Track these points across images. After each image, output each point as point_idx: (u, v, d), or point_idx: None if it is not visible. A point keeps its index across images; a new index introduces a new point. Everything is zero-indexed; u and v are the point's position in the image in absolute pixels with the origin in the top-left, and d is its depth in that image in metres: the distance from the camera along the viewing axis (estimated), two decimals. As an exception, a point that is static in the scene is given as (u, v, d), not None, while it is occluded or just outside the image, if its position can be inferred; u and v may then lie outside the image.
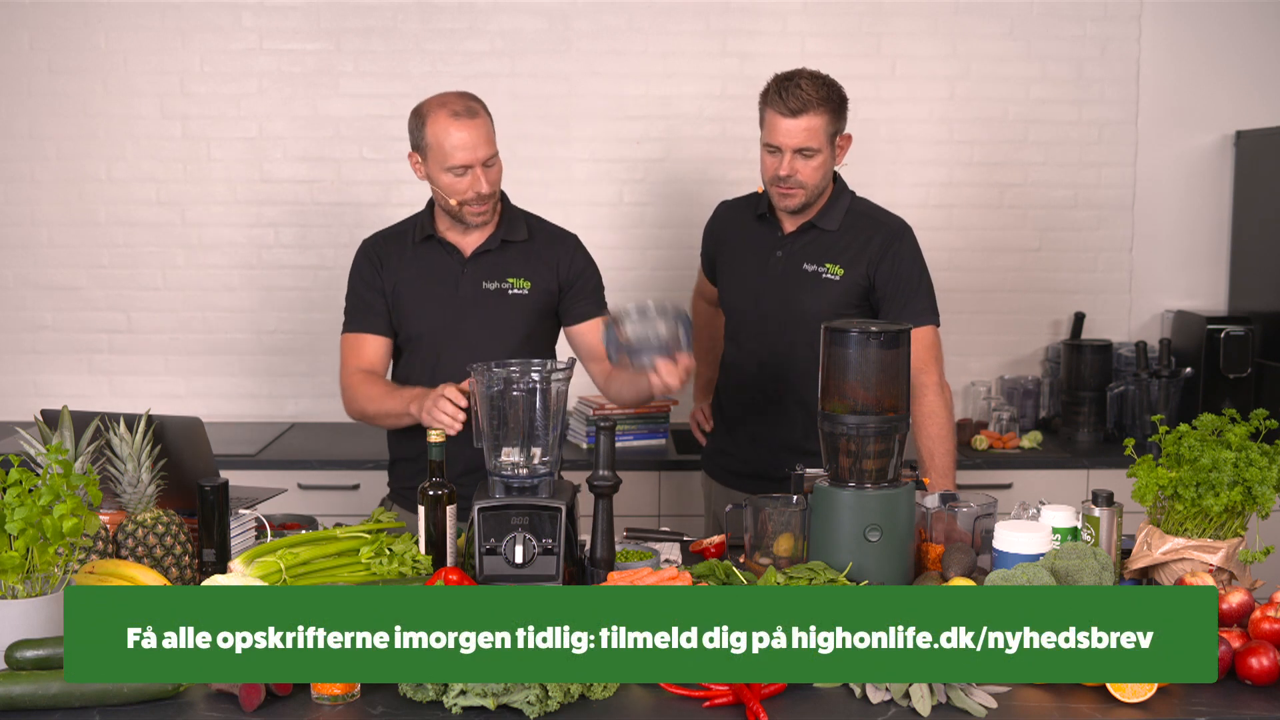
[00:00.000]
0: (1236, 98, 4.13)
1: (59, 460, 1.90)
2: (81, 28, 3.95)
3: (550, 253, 2.75)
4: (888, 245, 2.76)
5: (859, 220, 2.80)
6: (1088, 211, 4.17)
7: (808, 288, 2.77)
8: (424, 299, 2.71)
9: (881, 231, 2.78)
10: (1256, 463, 2.04)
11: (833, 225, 2.78)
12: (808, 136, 2.65)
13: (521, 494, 2.17)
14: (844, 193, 2.82)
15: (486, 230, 2.72)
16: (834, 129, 2.69)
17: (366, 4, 3.99)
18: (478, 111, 2.61)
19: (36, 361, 4.07)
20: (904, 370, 2.19)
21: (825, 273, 2.76)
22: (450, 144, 2.56)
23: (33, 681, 1.73)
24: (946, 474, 2.68)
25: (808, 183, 2.69)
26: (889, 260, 2.75)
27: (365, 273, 2.75)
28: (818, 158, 2.68)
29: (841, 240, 2.78)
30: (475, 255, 2.71)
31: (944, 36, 4.07)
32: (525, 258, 2.73)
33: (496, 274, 2.71)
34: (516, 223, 2.75)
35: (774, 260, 2.82)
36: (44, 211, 4.02)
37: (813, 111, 2.64)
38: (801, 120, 2.64)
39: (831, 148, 2.70)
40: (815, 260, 2.78)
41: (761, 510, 2.27)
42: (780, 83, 2.68)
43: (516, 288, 2.72)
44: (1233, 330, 3.88)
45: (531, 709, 1.71)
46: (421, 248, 2.72)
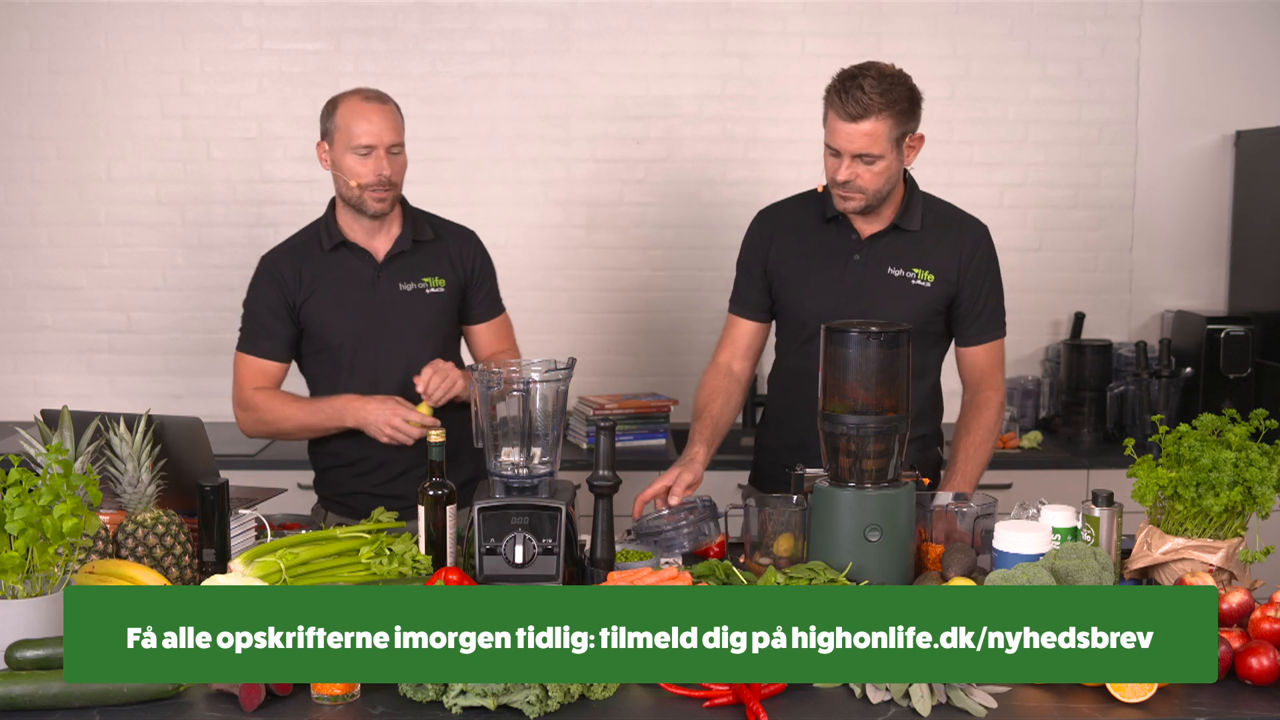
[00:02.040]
0: (1236, 98, 4.13)
1: (59, 460, 1.90)
2: (81, 28, 3.95)
3: (457, 250, 2.79)
4: (976, 248, 2.66)
5: (941, 221, 2.68)
6: (1088, 211, 4.17)
7: (896, 293, 2.62)
8: (340, 307, 2.70)
9: (969, 234, 2.67)
10: (1256, 463, 2.04)
11: (914, 225, 2.64)
12: (868, 143, 2.46)
13: (521, 494, 2.17)
14: (916, 189, 2.67)
15: (394, 230, 2.73)
16: (900, 132, 2.50)
17: (366, 4, 3.99)
18: (388, 100, 2.68)
19: (36, 361, 4.07)
20: (904, 370, 2.18)
21: (914, 278, 2.63)
22: (358, 126, 2.60)
23: (33, 681, 1.73)
24: (972, 482, 2.60)
25: (868, 188, 2.53)
26: (978, 265, 2.66)
27: (266, 294, 2.72)
28: (880, 163, 2.50)
29: (925, 242, 2.64)
30: (389, 258, 2.72)
31: (944, 36, 4.07)
32: (436, 257, 2.76)
33: (412, 275, 2.73)
34: (420, 223, 2.78)
35: (852, 264, 2.65)
36: (44, 211, 4.02)
37: (875, 117, 2.44)
38: (862, 125, 2.45)
39: (898, 150, 2.52)
40: (900, 264, 2.63)
41: (761, 510, 2.27)
42: (842, 82, 2.48)
43: (433, 287, 2.73)
44: (1233, 330, 3.88)
45: (531, 709, 1.71)
46: (331, 256, 2.71)
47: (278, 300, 2.70)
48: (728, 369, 2.76)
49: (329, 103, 2.69)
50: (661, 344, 4.13)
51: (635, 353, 4.15)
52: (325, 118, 2.68)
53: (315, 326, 2.71)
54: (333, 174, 2.68)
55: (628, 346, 4.15)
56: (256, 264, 2.79)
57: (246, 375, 2.74)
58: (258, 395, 2.71)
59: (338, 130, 2.63)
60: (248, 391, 2.73)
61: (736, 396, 2.74)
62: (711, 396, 2.70)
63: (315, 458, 2.84)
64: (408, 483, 2.63)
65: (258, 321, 2.72)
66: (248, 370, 2.73)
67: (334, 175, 2.68)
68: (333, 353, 2.72)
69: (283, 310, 2.71)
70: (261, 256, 2.78)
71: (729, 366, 2.76)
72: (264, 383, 2.73)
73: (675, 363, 4.09)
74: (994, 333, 2.74)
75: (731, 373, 2.75)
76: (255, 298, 2.73)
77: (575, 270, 4.10)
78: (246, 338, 2.74)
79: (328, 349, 2.72)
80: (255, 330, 2.73)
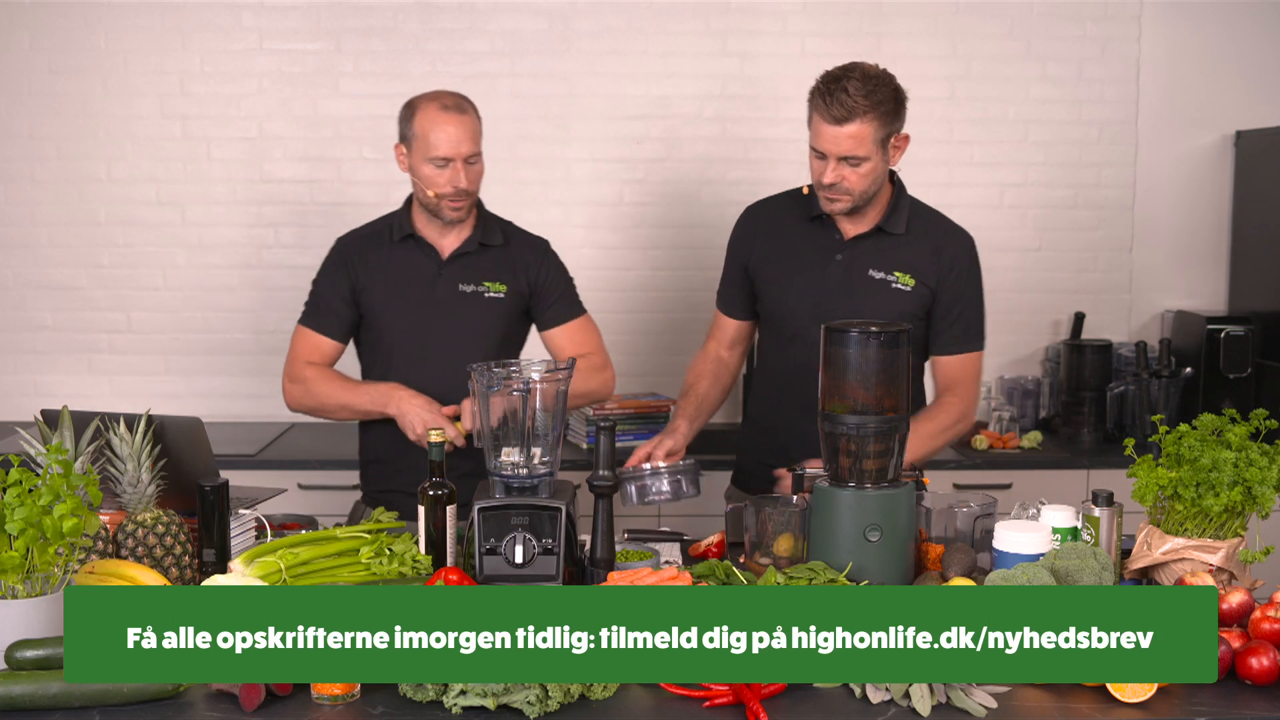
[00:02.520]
0: (1236, 98, 4.13)
1: (59, 460, 1.90)
2: (81, 28, 3.95)
3: (523, 257, 2.80)
4: (959, 257, 2.65)
5: (926, 226, 2.67)
6: (1088, 211, 4.17)
7: (877, 296, 2.62)
8: (399, 299, 2.74)
9: (953, 242, 2.67)
10: (1256, 463, 2.04)
11: (899, 229, 2.64)
12: (854, 145, 2.47)
13: (521, 494, 2.17)
14: (903, 192, 2.68)
15: (464, 232, 2.74)
16: (885, 133, 2.50)
17: (366, 4, 3.99)
18: (467, 109, 2.67)
19: (36, 361, 4.07)
20: (904, 370, 2.18)
21: (895, 282, 2.63)
22: (435, 136, 2.61)
23: (33, 681, 1.73)
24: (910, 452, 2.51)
25: (855, 189, 2.53)
26: (958, 274, 2.64)
27: (333, 272, 2.78)
28: (865, 165, 2.50)
29: (909, 247, 2.64)
30: (453, 257, 2.73)
31: (944, 36, 4.07)
32: (501, 262, 2.77)
33: (473, 277, 2.74)
34: (492, 227, 2.79)
35: (834, 264, 2.66)
36: (44, 211, 4.02)
37: (860, 119, 2.45)
38: (847, 128, 2.45)
39: (883, 151, 2.52)
40: (882, 267, 2.64)
41: (761, 510, 2.27)
42: (827, 84, 2.48)
43: (493, 291, 2.74)
44: (1233, 330, 3.88)
45: (531, 709, 1.71)
46: (399, 247, 2.75)
47: (343, 282, 2.76)
48: (716, 355, 2.83)
49: (407, 105, 2.69)
50: (661, 344, 4.13)
51: (635, 353, 4.15)
52: (403, 121, 2.68)
53: (373, 315, 2.75)
54: (411, 177, 2.70)
55: (628, 346, 4.15)
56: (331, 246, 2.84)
57: (302, 349, 2.77)
58: (308, 369, 2.75)
59: (415, 138, 2.64)
60: (299, 365, 2.76)
61: (724, 379, 2.81)
62: (699, 377, 2.78)
63: (362, 450, 2.88)
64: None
65: (322, 299, 2.78)
66: (304, 344, 2.77)
67: (412, 179, 2.70)
68: (386, 343, 2.76)
69: (346, 293, 2.76)
70: (338, 238, 2.83)
71: (717, 355, 2.83)
72: (317, 359, 2.76)
73: (675, 363, 4.09)
74: (969, 344, 2.68)
75: (720, 359, 2.82)
76: (323, 277, 2.79)
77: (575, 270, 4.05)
78: (309, 312, 2.80)
79: (381, 338, 2.76)
80: (318, 307, 2.78)
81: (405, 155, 2.69)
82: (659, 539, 2.61)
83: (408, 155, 2.68)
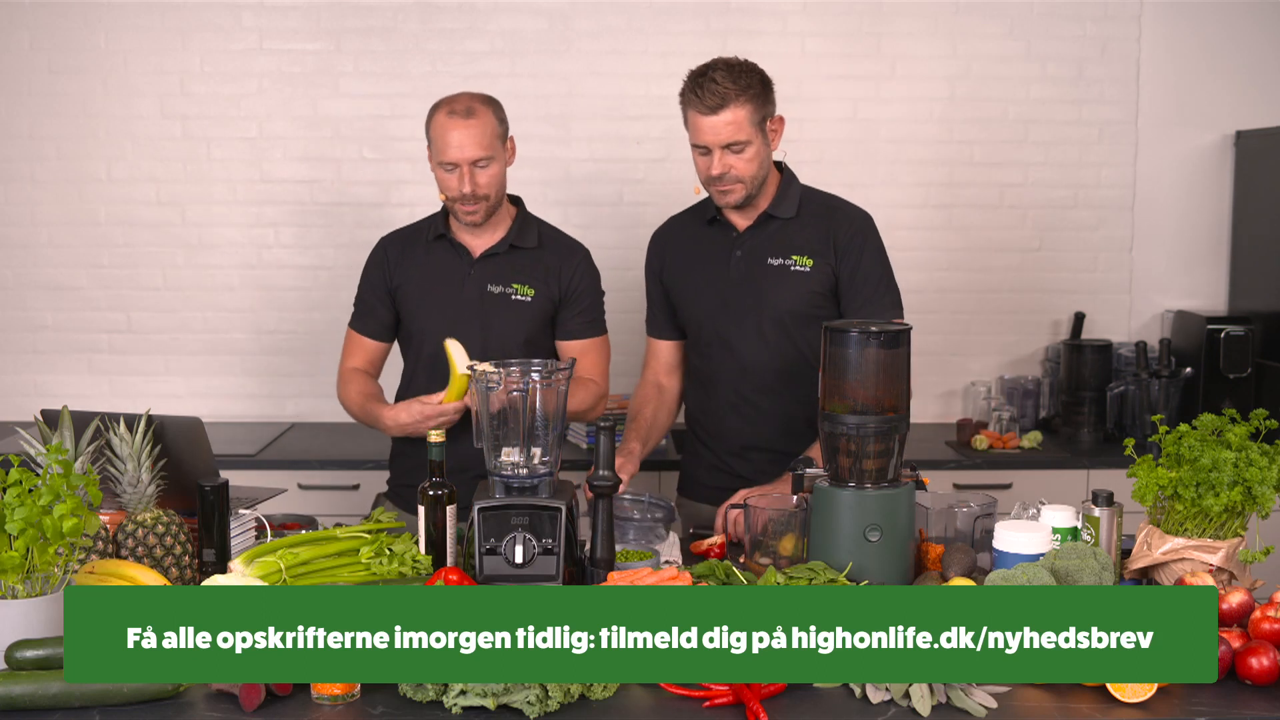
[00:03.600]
0: (1236, 98, 4.13)
1: (59, 460, 1.90)
2: (81, 28, 3.95)
3: (557, 262, 2.79)
4: (853, 235, 2.67)
5: (817, 207, 2.71)
6: (1088, 211, 4.17)
7: (776, 282, 2.68)
8: (428, 297, 2.76)
9: (846, 222, 2.69)
10: (1256, 463, 2.04)
11: (789, 213, 2.68)
12: (733, 130, 2.53)
13: (521, 494, 2.17)
14: (793, 180, 2.72)
15: (498, 233, 2.76)
16: (761, 115, 2.57)
17: (366, 4, 3.99)
18: (475, 113, 2.67)
19: (36, 361, 4.07)
20: (904, 370, 2.18)
21: (793, 265, 2.67)
22: (443, 141, 2.64)
23: (33, 681, 1.73)
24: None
25: (744, 175, 2.59)
26: (854, 251, 2.66)
27: (372, 273, 2.83)
28: (749, 149, 2.57)
29: (803, 229, 2.69)
30: (484, 257, 2.75)
31: (944, 36, 4.07)
32: (532, 265, 2.77)
33: (503, 278, 2.75)
34: (528, 229, 2.80)
35: (734, 260, 2.71)
36: (44, 211, 4.02)
37: (733, 104, 2.52)
38: (723, 115, 2.53)
39: (763, 134, 2.59)
40: (779, 253, 2.68)
41: (762, 510, 2.27)
42: (695, 80, 2.56)
43: (520, 294, 2.74)
44: (1233, 330, 3.88)
45: (531, 709, 1.71)
46: (433, 246, 2.79)
47: (380, 282, 2.80)
48: (655, 383, 2.90)
49: (431, 109, 2.70)
50: (661, 344, 4.12)
51: (635, 353, 4.13)
52: (427, 125, 2.71)
53: (407, 313, 2.79)
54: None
55: (628, 346, 4.15)
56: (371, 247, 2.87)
57: (347, 350, 2.84)
58: (348, 374, 2.81)
59: (431, 143, 2.69)
60: (345, 365, 2.83)
61: (668, 404, 2.89)
62: (642, 404, 2.86)
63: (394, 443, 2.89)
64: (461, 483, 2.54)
65: (364, 300, 2.83)
66: (351, 345, 2.84)
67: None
68: (416, 340, 2.79)
69: (384, 292, 2.80)
70: (381, 238, 2.86)
71: (656, 382, 2.91)
72: (361, 359, 2.82)
73: (675, 363, 4.08)
74: (885, 314, 2.67)
75: (660, 386, 2.90)
76: (365, 277, 2.84)
77: (575, 270, 4.09)
78: (355, 314, 2.85)
79: (412, 336, 2.80)
80: (360, 308, 2.84)
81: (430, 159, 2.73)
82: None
83: (431, 159, 2.72)
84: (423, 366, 2.78)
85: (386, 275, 2.80)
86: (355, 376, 2.81)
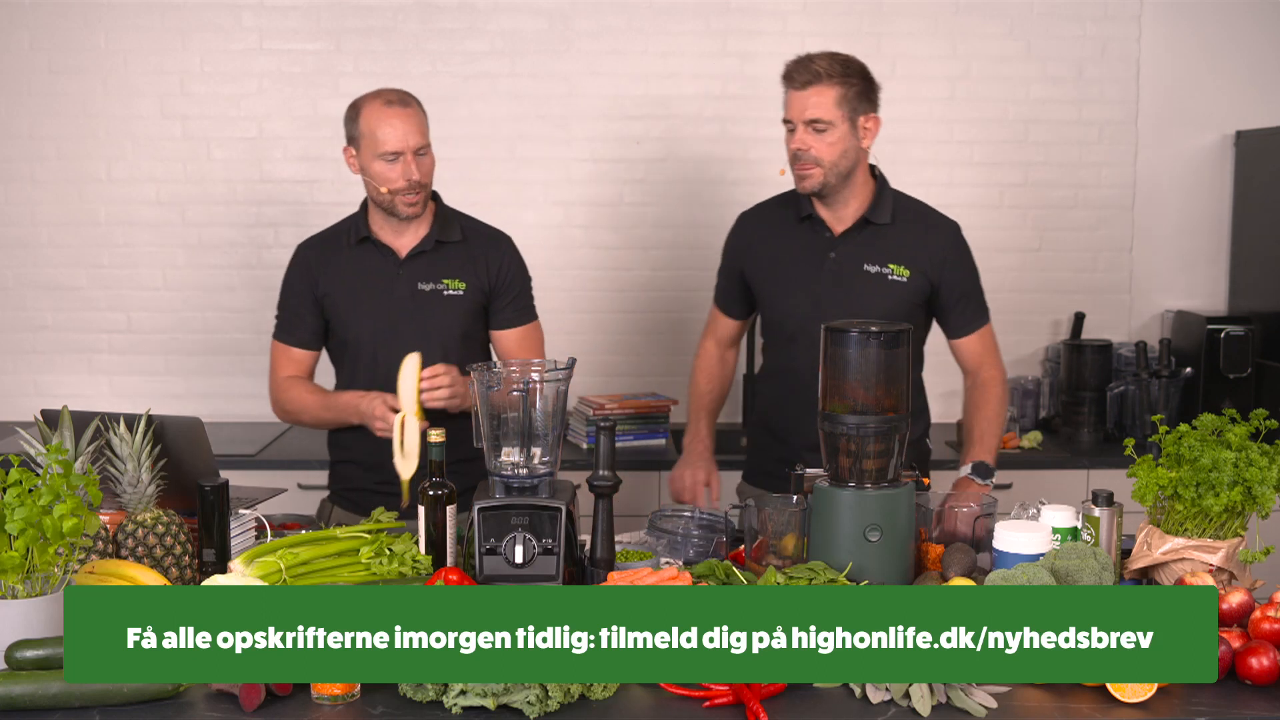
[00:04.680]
0: (1236, 98, 4.13)
1: (59, 460, 1.90)
2: (81, 28, 3.95)
3: (484, 254, 2.78)
4: (949, 245, 2.74)
5: (913, 217, 2.76)
6: (1088, 211, 4.17)
7: (874, 290, 2.70)
8: (359, 302, 2.73)
9: (941, 232, 2.76)
10: (1256, 463, 2.04)
11: (885, 219, 2.72)
12: (816, 108, 2.59)
13: (521, 494, 2.17)
14: (886, 185, 2.76)
15: (421, 230, 2.74)
16: (850, 104, 2.62)
17: (366, 4, 3.99)
18: (410, 102, 2.68)
19: (36, 361, 4.07)
20: (904, 370, 2.18)
21: (890, 274, 2.70)
22: (383, 131, 2.61)
23: (33, 681, 1.73)
24: (992, 451, 2.74)
25: (823, 158, 2.62)
26: (953, 261, 2.74)
27: (296, 281, 2.79)
28: (831, 132, 2.61)
29: (898, 237, 2.72)
30: (410, 256, 2.73)
31: (944, 36, 4.07)
32: (460, 259, 2.76)
33: (432, 275, 2.73)
34: (451, 223, 2.78)
35: (828, 262, 2.73)
36: (44, 211, 4.02)
37: (822, 84, 2.59)
38: (810, 92, 2.60)
39: (851, 126, 2.63)
40: (875, 260, 2.71)
41: (762, 510, 2.27)
42: (795, 59, 2.65)
43: (452, 288, 2.74)
44: (1233, 330, 3.88)
45: (531, 709, 1.71)
46: (357, 250, 2.75)
47: (305, 289, 2.76)
48: (718, 356, 3.00)
49: (351, 107, 2.68)
50: (661, 344, 4.13)
51: (635, 353, 4.16)
52: (349, 123, 2.68)
53: (335, 319, 2.76)
54: (363, 178, 2.69)
55: (628, 346, 4.15)
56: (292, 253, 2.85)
57: (278, 362, 2.81)
58: (285, 383, 2.78)
59: (363, 137, 2.64)
60: (278, 378, 2.80)
61: (727, 377, 3.02)
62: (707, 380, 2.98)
63: (331, 450, 2.88)
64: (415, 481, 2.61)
65: (289, 309, 2.79)
66: (280, 357, 2.80)
67: (364, 179, 2.69)
68: (351, 347, 2.76)
69: (310, 299, 2.76)
70: (297, 245, 2.84)
71: (719, 355, 3.00)
72: (294, 370, 2.79)
73: (675, 363, 4.09)
74: (980, 320, 2.82)
75: (723, 358, 3.01)
76: (287, 285, 2.80)
77: (575, 270, 4.10)
78: (279, 325, 2.82)
79: (346, 343, 2.76)
80: (287, 318, 2.80)
81: (355, 157, 2.68)
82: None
83: (357, 156, 2.67)
84: (362, 370, 2.74)
85: (311, 282, 2.75)
86: (295, 382, 2.78)
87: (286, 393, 2.78)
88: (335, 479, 2.88)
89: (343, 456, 2.83)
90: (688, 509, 2.50)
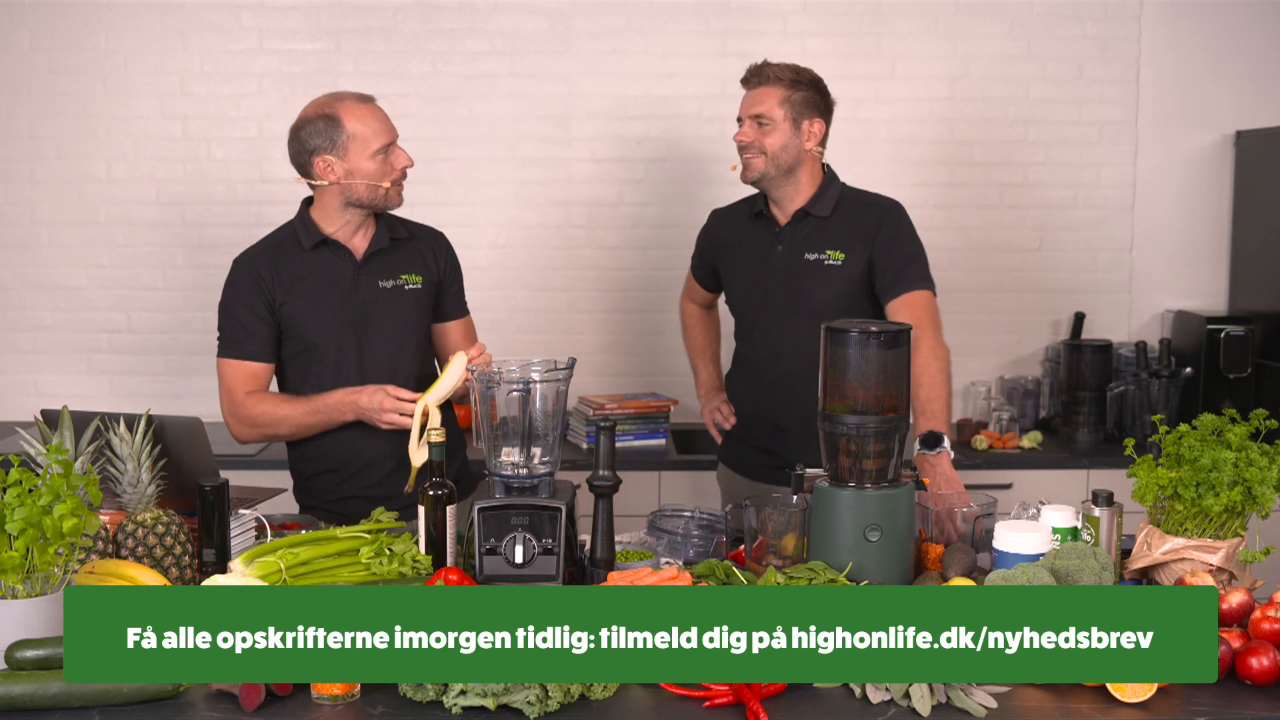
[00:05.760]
0: (1236, 98, 4.13)
1: (59, 460, 1.90)
2: (81, 28, 3.95)
3: (430, 249, 2.83)
4: (881, 222, 2.84)
5: (852, 206, 2.89)
6: (1088, 211, 4.17)
7: (812, 276, 2.86)
8: (321, 305, 2.68)
9: (875, 211, 2.88)
10: (1256, 463, 2.04)
11: (825, 211, 2.87)
12: (760, 104, 2.82)
13: (521, 494, 2.17)
14: (834, 181, 2.92)
15: (370, 230, 2.74)
16: (794, 106, 2.81)
17: (366, 4, 3.99)
18: (369, 96, 2.72)
19: (36, 361, 4.07)
20: (904, 370, 2.19)
21: (826, 259, 2.85)
22: (372, 126, 2.64)
23: (33, 681, 1.73)
24: (940, 418, 2.60)
25: (766, 149, 2.81)
26: (884, 235, 2.83)
27: (245, 295, 2.69)
28: (773, 128, 2.81)
29: (838, 226, 2.87)
30: (369, 256, 2.72)
31: (944, 36, 4.07)
32: (412, 254, 2.79)
33: (390, 272, 2.74)
34: (394, 222, 2.80)
35: (775, 254, 2.91)
36: (44, 211, 4.02)
37: (770, 85, 2.82)
38: (758, 91, 2.84)
39: (794, 126, 2.82)
40: (815, 248, 2.87)
41: (762, 510, 2.27)
42: (752, 65, 2.88)
43: (411, 283, 2.75)
44: (1233, 330, 3.88)
45: (531, 709, 1.71)
46: (312, 255, 2.70)
47: (258, 300, 2.68)
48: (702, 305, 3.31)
49: (323, 118, 2.62)
50: (662, 344, 4.13)
51: (635, 353, 4.16)
52: (326, 134, 2.61)
53: (296, 326, 2.68)
54: (341, 184, 2.64)
55: (628, 346, 4.15)
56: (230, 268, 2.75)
57: (235, 380, 2.69)
58: (250, 399, 2.67)
59: (352, 139, 2.61)
60: (239, 397, 2.67)
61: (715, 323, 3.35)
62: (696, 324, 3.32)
63: (298, 465, 2.79)
64: (399, 481, 2.61)
65: (239, 324, 2.69)
66: (235, 375, 2.69)
67: (345, 184, 2.64)
68: (316, 352, 2.69)
69: (264, 310, 2.68)
70: (234, 259, 2.75)
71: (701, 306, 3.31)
72: (254, 385, 2.69)
73: (675, 363, 4.08)
74: (911, 284, 2.77)
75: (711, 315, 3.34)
76: (234, 300, 2.70)
77: (575, 270, 4.10)
78: (229, 342, 2.71)
79: (310, 348, 2.69)
80: (238, 333, 2.69)
81: (339, 163, 2.62)
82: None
83: (343, 161, 2.62)
84: (328, 373, 2.68)
85: (265, 293, 2.67)
86: (261, 397, 2.67)
87: (253, 409, 2.66)
88: (310, 494, 2.79)
89: (317, 469, 2.75)
90: (688, 509, 2.50)
